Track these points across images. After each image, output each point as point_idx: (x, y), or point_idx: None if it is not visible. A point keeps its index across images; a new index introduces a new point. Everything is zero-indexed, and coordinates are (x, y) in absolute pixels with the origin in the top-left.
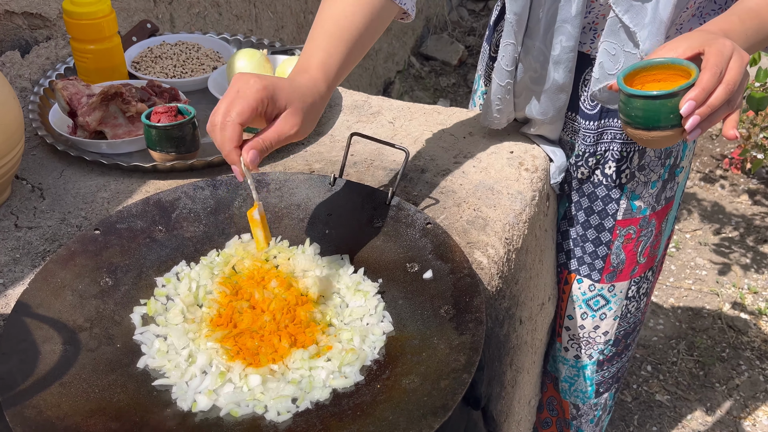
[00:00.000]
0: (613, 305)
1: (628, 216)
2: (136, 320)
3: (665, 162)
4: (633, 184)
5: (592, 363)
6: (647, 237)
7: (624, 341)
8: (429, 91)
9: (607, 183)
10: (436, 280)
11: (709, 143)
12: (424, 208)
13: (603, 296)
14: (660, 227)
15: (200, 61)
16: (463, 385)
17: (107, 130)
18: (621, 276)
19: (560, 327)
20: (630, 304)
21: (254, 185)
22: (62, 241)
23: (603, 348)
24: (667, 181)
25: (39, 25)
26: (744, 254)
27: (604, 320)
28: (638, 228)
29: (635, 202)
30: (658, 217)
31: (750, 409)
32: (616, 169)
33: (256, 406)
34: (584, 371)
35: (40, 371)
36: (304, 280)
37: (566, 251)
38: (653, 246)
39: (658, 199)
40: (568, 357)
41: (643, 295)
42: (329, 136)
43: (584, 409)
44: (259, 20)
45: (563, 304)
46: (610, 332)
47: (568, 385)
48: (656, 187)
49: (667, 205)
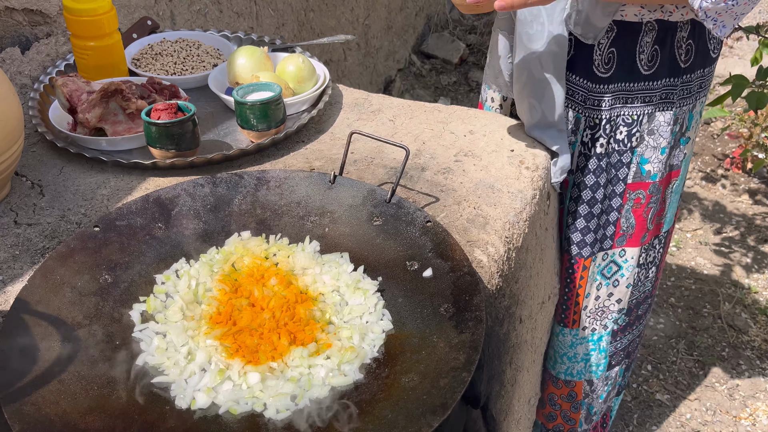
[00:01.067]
0: (625, 271)
1: (638, 180)
2: (135, 317)
3: (673, 128)
4: (642, 148)
5: (607, 333)
6: (656, 204)
7: (636, 311)
8: (430, 90)
9: (619, 148)
10: (436, 278)
11: (710, 142)
12: (424, 206)
13: (615, 262)
14: (665, 194)
15: (201, 59)
16: (463, 383)
17: (107, 127)
18: (631, 241)
19: (576, 314)
20: (641, 273)
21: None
22: (62, 238)
23: (617, 317)
24: (674, 148)
25: (39, 22)
26: (745, 254)
27: (617, 287)
28: (648, 194)
29: (645, 166)
30: (663, 183)
31: (750, 409)
32: (627, 133)
33: (255, 404)
34: (600, 343)
35: (38, 368)
36: (303, 278)
37: (577, 242)
38: (658, 213)
39: (665, 165)
40: (585, 335)
41: (651, 263)
42: (329, 134)
43: (597, 384)
44: (260, 17)
45: (581, 291)
46: (623, 300)
47: (584, 364)
48: (665, 153)
49: (673, 173)
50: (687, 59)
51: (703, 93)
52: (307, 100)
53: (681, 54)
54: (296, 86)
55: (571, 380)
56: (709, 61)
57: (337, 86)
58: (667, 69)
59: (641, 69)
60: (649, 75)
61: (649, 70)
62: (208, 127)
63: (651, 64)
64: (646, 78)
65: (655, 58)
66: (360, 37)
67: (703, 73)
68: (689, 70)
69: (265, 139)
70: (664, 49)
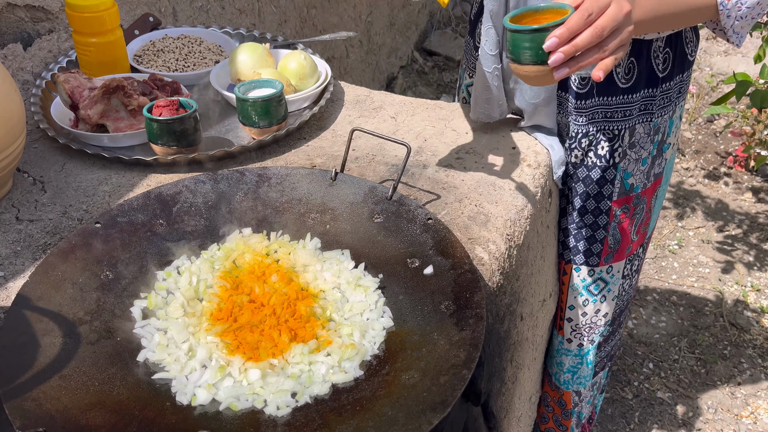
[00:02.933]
0: (612, 286)
1: (623, 195)
2: (136, 314)
3: (654, 138)
4: (625, 163)
5: (594, 347)
6: (640, 214)
7: (618, 319)
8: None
9: (602, 164)
10: (437, 275)
11: (713, 140)
12: (425, 204)
13: (602, 279)
14: (650, 203)
15: (202, 55)
16: (463, 380)
17: (109, 123)
18: (618, 256)
19: (561, 320)
20: (625, 283)
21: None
22: (63, 234)
23: (603, 330)
24: (656, 157)
25: (41, 18)
26: (747, 252)
27: (604, 302)
28: (632, 206)
29: (628, 180)
30: (648, 193)
31: (752, 407)
32: (610, 149)
33: (256, 401)
34: (587, 357)
35: (40, 364)
36: (304, 275)
37: (561, 241)
38: (644, 223)
39: (648, 175)
40: (571, 348)
41: (635, 272)
42: (331, 131)
43: (585, 393)
44: (262, 14)
45: (563, 296)
46: (609, 313)
47: (571, 375)
48: (647, 164)
49: (656, 182)
50: (665, 68)
51: (682, 97)
52: (308, 97)
53: (658, 64)
54: (298, 83)
55: (560, 387)
56: (687, 65)
57: (338, 83)
58: (645, 80)
59: (618, 82)
60: (627, 88)
61: (627, 83)
62: (210, 123)
63: (628, 77)
64: (624, 91)
65: (632, 71)
66: (362, 34)
67: (681, 78)
68: (668, 79)
69: (267, 135)
70: (641, 60)
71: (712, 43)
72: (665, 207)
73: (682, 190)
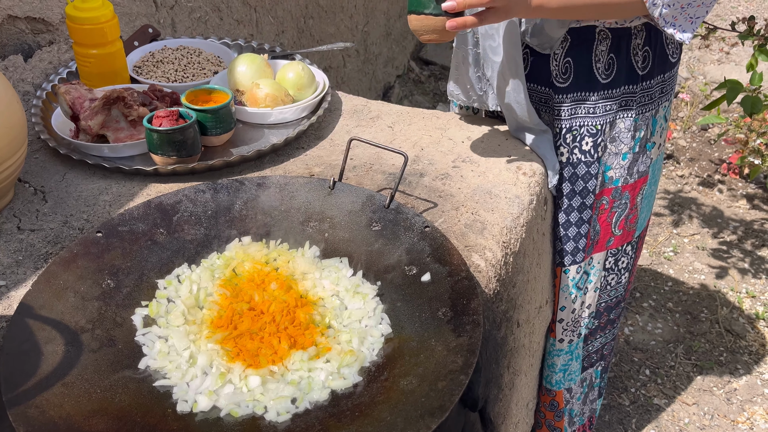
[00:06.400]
0: (592, 277)
1: (602, 187)
2: (137, 322)
3: (635, 135)
4: (606, 156)
5: (580, 340)
6: (620, 209)
7: (607, 315)
8: (428, 96)
9: (586, 159)
10: (434, 282)
11: (707, 148)
12: (422, 212)
13: (585, 272)
14: (635, 201)
15: (201, 66)
16: (460, 386)
17: (109, 133)
18: (597, 247)
19: (554, 323)
20: (609, 276)
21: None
22: (64, 244)
23: (587, 322)
24: (639, 154)
25: (42, 30)
26: (742, 259)
27: (587, 294)
28: (611, 198)
29: (608, 173)
30: (632, 190)
31: (748, 413)
32: (593, 144)
33: (256, 407)
34: (575, 352)
35: (42, 372)
36: (303, 283)
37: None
38: (629, 219)
39: (630, 171)
40: (562, 347)
41: (623, 269)
42: (329, 140)
43: (575, 389)
44: (260, 25)
45: (556, 299)
46: (592, 304)
47: (562, 374)
48: (627, 159)
49: (641, 179)
50: (645, 66)
51: (666, 97)
52: (306, 106)
53: (638, 61)
54: (296, 93)
55: (551, 389)
56: (669, 65)
57: (336, 93)
58: (625, 76)
59: (599, 77)
60: (608, 83)
61: (607, 78)
62: None
63: (608, 72)
64: (604, 86)
65: (612, 67)
66: (359, 44)
67: (663, 78)
68: (648, 77)
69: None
70: (620, 56)
71: (705, 51)
72: (661, 214)
73: (678, 198)
